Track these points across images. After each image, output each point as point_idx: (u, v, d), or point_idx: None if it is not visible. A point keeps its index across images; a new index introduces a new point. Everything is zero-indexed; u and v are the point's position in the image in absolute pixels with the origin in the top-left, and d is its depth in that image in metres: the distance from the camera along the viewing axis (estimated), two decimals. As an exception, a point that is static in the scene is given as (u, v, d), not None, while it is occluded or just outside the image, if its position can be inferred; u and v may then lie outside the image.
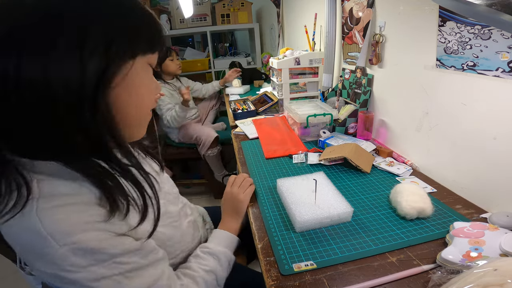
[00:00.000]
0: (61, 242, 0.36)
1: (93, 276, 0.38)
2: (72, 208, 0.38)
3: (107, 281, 0.39)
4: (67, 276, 0.37)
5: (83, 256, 0.37)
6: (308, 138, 1.14)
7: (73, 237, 0.36)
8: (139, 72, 0.42)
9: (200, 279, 0.56)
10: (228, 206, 0.76)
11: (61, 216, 0.37)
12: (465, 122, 0.70)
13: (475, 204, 0.69)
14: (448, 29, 0.69)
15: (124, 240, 0.41)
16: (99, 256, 0.38)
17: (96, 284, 0.38)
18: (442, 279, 0.45)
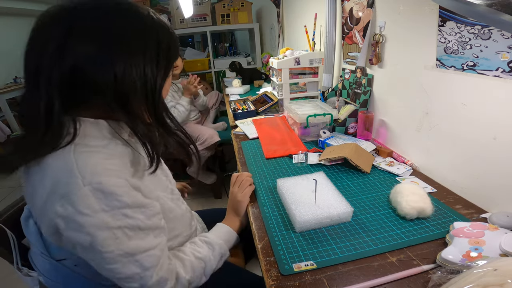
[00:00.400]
0: (87, 181, 0.41)
1: (99, 223, 0.42)
2: (103, 156, 0.46)
3: (108, 232, 0.43)
4: (77, 219, 0.41)
5: (100, 198, 0.42)
6: (308, 138, 1.14)
7: (97, 178, 0.42)
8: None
9: (188, 263, 0.58)
10: (230, 205, 0.78)
11: (92, 161, 0.44)
12: (465, 122, 0.70)
13: (475, 204, 0.69)
14: (448, 29, 0.69)
15: (137, 194, 0.47)
16: (112, 202, 0.43)
17: (98, 233, 0.42)
18: (442, 279, 0.45)
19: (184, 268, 0.57)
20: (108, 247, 0.44)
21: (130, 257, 0.46)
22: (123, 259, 0.46)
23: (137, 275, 0.48)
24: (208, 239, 0.65)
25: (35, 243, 0.63)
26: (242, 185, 0.78)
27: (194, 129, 1.91)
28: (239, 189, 0.77)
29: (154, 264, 0.49)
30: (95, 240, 0.43)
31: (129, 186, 0.46)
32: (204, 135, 1.85)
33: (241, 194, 0.76)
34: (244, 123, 1.36)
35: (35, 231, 0.63)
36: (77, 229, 0.42)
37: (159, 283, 0.50)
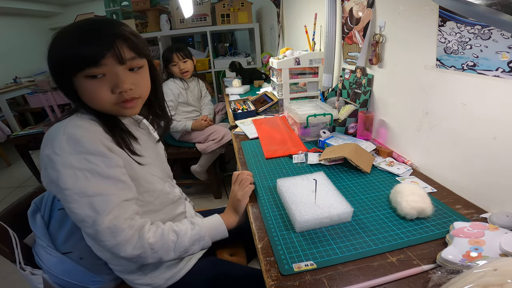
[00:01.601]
0: (66, 131, 0.55)
1: (65, 162, 0.53)
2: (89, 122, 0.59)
3: (70, 171, 0.53)
4: (52, 157, 0.53)
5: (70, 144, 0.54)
6: (308, 138, 1.14)
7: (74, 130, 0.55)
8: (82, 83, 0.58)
9: (160, 230, 0.61)
10: (230, 202, 0.79)
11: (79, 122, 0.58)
12: (465, 122, 0.70)
13: (475, 204, 0.69)
14: (448, 29, 0.69)
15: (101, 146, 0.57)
16: (78, 147, 0.54)
17: (63, 170, 0.53)
18: (442, 279, 0.45)
19: (154, 233, 0.60)
20: (68, 184, 0.53)
21: (85, 197, 0.53)
22: (79, 198, 0.53)
23: (90, 218, 0.53)
24: (193, 220, 0.68)
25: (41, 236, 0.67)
26: (242, 184, 0.79)
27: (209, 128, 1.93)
28: (239, 188, 0.78)
29: (105, 209, 0.53)
30: (60, 176, 0.53)
31: (97, 141, 0.56)
32: (220, 132, 1.86)
33: (241, 193, 0.76)
34: (244, 123, 1.36)
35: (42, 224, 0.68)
36: (51, 166, 0.54)
37: (111, 230, 0.54)
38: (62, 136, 0.54)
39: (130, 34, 0.60)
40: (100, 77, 0.58)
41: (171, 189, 0.79)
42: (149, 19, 2.80)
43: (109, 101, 0.60)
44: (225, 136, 1.86)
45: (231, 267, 0.79)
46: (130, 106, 0.63)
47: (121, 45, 0.58)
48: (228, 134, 1.87)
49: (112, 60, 0.57)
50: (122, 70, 0.59)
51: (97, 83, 0.58)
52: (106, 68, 0.57)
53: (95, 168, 0.55)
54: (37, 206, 0.71)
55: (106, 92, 0.59)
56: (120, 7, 2.62)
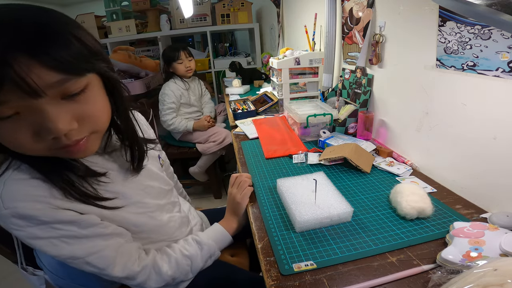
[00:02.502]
0: (6, 205, 0.42)
1: (29, 235, 0.44)
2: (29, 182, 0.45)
3: (43, 241, 0.45)
4: (12, 232, 0.44)
5: (20, 219, 0.43)
6: (308, 138, 1.14)
7: (14, 203, 0.43)
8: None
9: (173, 260, 0.60)
10: (229, 206, 0.78)
11: (16, 187, 0.44)
12: (465, 122, 0.70)
13: (475, 204, 0.69)
14: (448, 29, 0.69)
15: (61, 212, 0.46)
16: (32, 221, 0.44)
17: (33, 242, 0.45)
18: (442, 279, 0.45)
19: (169, 264, 0.59)
20: (52, 252, 0.46)
21: (78, 259, 0.48)
22: (74, 261, 0.48)
23: (99, 273, 0.50)
24: (198, 239, 0.67)
25: None
26: (240, 186, 0.78)
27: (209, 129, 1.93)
28: (237, 191, 0.77)
29: (108, 263, 0.51)
30: (35, 247, 0.46)
31: (50, 208, 0.45)
32: (221, 134, 1.87)
33: (240, 196, 0.76)
34: (244, 123, 1.36)
35: None
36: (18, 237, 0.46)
37: (126, 277, 0.53)
38: (5, 212, 0.42)
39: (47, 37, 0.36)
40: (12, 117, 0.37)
41: (173, 213, 0.70)
42: (149, 19, 2.80)
43: (40, 149, 0.41)
44: (226, 138, 1.87)
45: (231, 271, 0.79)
46: (77, 152, 0.44)
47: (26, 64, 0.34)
48: (229, 137, 1.87)
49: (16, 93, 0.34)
50: (45, 103, 0.37)
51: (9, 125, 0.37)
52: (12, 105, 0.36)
53: (69, 233, 0.47)
54: None
55: (29, 138, 0.39)
56: (120, 7, 2.62)
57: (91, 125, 0.44)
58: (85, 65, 0.40)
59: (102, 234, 0.51)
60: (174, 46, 1.91)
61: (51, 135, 0.39)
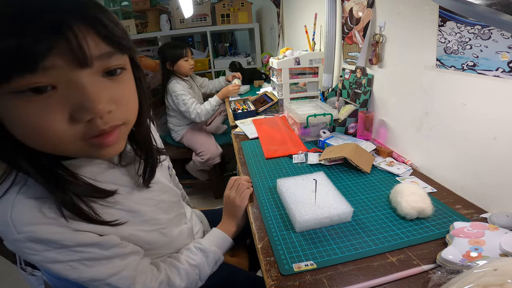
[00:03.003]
0: (19, 230, 0.38)
1: (48, 260, 0.41)
2: (42, 202, 0.40)
3: (62, 265, 0.42)
4: (26, 256, 0.40)
5: (37, 243, 0.39)
6: (308, 138, 1.14)
7: (29, 227, 0.39)
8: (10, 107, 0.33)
9: (183, 271, 0.59)
10: (227, 209, 0.77)
11: (28, 209, 0.39)
12: (465, 122, 0.70)
13: (475, 204, 0.69)
14: (448, 29, 0.69)
15: (81, 234, 0.43)
16: (51, 245, 0.40)
17: (52, 266, 0.41)
18: (442, 279, 0.45)
19: (179, 276, 0.58)
20: (71, 276, 0.43)
21: (98, 281, 0.46)
22: (93, 283, 0.45)
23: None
24: (202, 246, 0.65)
25: None
26: (239, 189, 0.77)
27: (199, 140, 1.89)
28: (236, 194, 0.77)
29: (129, 283, 0.49)
30: (55, 271, 0.42)
31: (70, 231, 0.42)
32: (206, 154, 1.84)
33: (239, 199, 0.75)
34: (244, 123, 1.36)
35: None
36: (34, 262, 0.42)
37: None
38: (19, 237, 0.38)
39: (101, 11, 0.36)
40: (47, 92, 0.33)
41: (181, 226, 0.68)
42: (149, 19, 2.80)
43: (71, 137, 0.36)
44: (211, 160, 1.86)
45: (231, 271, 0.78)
46: (110, 143, 0.40)
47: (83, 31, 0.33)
48: (216, 158, 1.87)
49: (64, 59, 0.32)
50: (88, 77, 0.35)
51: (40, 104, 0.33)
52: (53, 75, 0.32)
53: (90, 256, 0.44)
54: None
55: (62, 122, 0.34)
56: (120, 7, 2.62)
57: (125, 113, 0.41)
58: (127, 42, 0.39)
59: (122, 254, 0.48)
60: (176, 43, 1.89)
61: (89, 115, 0.35)
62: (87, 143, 0.38)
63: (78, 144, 0.37)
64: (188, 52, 1.84)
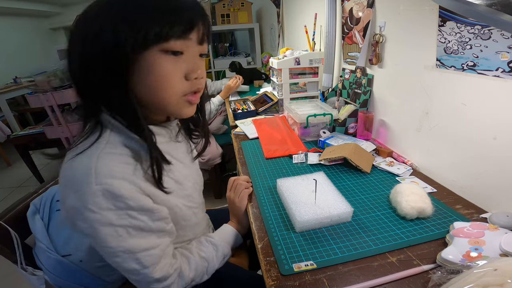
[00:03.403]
0: (98, 181, 0.43)
1: (103, 220, 0.44)
2: (122, 159, 0.47)
3: (110, 229, 0.45)
4: (85, 213, 0.43)
5: (108, 198, 0.43)
6: (308, 138, 1.14)
7: (109, 179, 0.43)
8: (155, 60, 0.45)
9: (193, 262, 0.60)
10: (230, 210, 0.79)
11: (111, 163, 0.45)
12: (465, 122, 0.70)
13: (475, 204, 0.69)
14: (448, 29, 0.69)
15: (145, 199, 0.48)
16: (119, 203, 0.44)
17: (101, 228, 0.44)
18: (442, 279, 0.45)
19: (189, 266, 0.59)
20: (110, 243, 0.46)
21: (130, 254, 0.48)
22: (124, 254, 0.47)
23: (136, 271, 0.49)
24: (213, 240, 0.67)
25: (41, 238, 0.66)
26: (237, 190, 0.79)
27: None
28: (235, 195, 0.78)
29: (153, 263, 0.50)
30: (98, 234, 0.45)
31: (139, 191, 0.47)
32: (207, 154, 1.84)
33: (238, 200, 0.77)
34: (244, 123, 1.36)
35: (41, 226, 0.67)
36: (82, 220, 0.44)
37: (159, 280, 0.52)
38: (95, 188, 0.43)
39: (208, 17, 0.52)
40: (178, 56, 0.47)
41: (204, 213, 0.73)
42: (149, 19, 2.80)
43: (180, 91, 0.49)
44: (211, 160, 1.86)
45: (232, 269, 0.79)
46: (195, 101, 0.53)
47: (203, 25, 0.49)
48: (216, 159, 1.87)
49: (195, 36, 0.48)
50: (197, 52, 0.50)
51: (174, 62, 0.47)
52: (189, 45, 0.47)
53: (139, 224, 0.48)
54: (36, 207, 0.70)
55: (180, 78, 0.48)
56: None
57: (204, 82, 0.54)
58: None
59: (162, 230, 0.52)
60: None
61: (196, 75, 0.49)
62: (183, 99, 0.51)
63: (179, 99, 0.50)
64: None
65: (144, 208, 0.47)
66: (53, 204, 0.71)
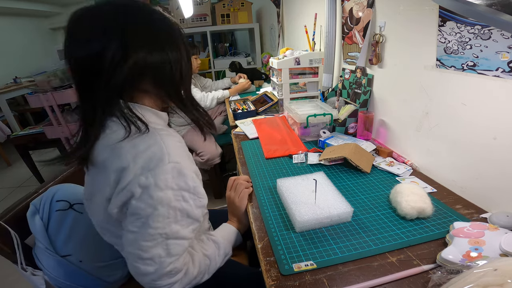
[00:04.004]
0: (171, 159, 0.49)
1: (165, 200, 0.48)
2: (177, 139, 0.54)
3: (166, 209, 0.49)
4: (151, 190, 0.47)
5: (174, 177, 0.49)
6: (308, 138, 1.14)
7: (178, 158, 0.50)
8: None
9: (197, 258, 0.60)
10: (230, 210, 0.79)
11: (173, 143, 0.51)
12: (465, 122, 0.70)
13: (475, 204, 0.69)
14: (448, 29, 0.69)
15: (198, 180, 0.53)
16: (180, 183, 0.49)
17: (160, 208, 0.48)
18: (442, 279, 0.45)
19: (193, 263, 0.59)
20: (157, 223, 0.49)
21: (165, 239, 0.50)
22: (159, 238, 0.50)
23: (158, 258, 0.50)
24: (214, 238, 0.67)
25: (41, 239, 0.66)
26: (237, 190, 0.79)
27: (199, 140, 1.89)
28: (235, 194, 0.78)
29: (178, 253, 0.52)
30: (154, 213, 0.48)
31: (195, 176, 0.53)
32: (206, 154, 1.85)
33: (238, 199, 0.77)
34: (244, 123, 1.36)
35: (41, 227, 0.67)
36: (146, 200, 0.47)
37: (170, 272, 0.52)
38: (168, 166, 0.48)
39: None
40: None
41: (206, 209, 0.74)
42: (149, 19, 2.80)
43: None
44: (210, 160, 1.86)
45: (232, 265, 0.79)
46: None
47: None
48: (215, 158, 1.88)
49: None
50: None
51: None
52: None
53: (187, 208, 0.51)
54: (36, 207, 0.71)
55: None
56: (120, 7, 2.62)
57: None
58: None
59: (198, 219, 0.55)
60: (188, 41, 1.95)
61: None
62: None
63: None
64: (198, 51, 1.91)
65: (195, 191, 0.52)
66: (53, 204, 0.71)
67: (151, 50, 0.51)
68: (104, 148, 0.51)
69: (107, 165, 0.50)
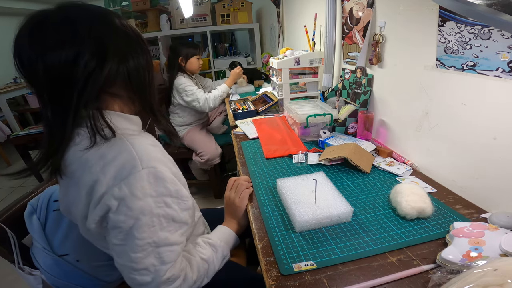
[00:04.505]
0: (144, 164, 0.46)
1: (145, 207, 0.46)
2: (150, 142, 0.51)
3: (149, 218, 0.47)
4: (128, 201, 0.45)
5: (151, 183, 0.46)
6: (308, 138, 1.14)
7: (152, 163, 0.47)
8: None
9: (194, 263, 0.59)
10: (228, 210, 0.78)
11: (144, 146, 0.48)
12: (465, 122, 0.70)
13: (475, 204, 0.69)
14: (448, 29, 0.69)
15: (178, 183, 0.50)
16: (160, 188, 0.47)
17: (141, 217, 0.46)
18: (442, 279, 0.45)
19: (191, 268, 0.58)
20: (143, 233, 0.47)
21: (155, 247, 0.49)
22: (149, 247, 0.48)
23: (153, 267, 0.49)
24: (211, 241, 0.66)
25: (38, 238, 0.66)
26: (238, 189, 0.78)
27: (199, 140, 1.90)
28: (236, 194, 0.77)
29: (172, 260, 0.51)
30: (136, 224, 0.46)
31: (174, 178, 0.50)
32: (206, 154, 1.85)
33: (239, 200, 0.76)
34: (244, 123, 1.36)
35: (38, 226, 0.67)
36: (125, 212, 0.45)
37: (168, 280, 0.51)
38: (142, 172, 0.45)
39: None
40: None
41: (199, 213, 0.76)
42: (149, 19, 2.80)
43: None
44: (210, 160, 1.86)
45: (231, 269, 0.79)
46: None
47: None
48: (215, 159, 1.88)
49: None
50: None
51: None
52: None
53: (171, 213, 0.50)
54: (33, 207, 0.70)
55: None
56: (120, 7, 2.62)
57: None
58: None
59: (186, 222, 0.53)
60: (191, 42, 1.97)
61: None
62: None
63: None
64: (201, 51, 1.92)
65: (177, 194, 0.50)
66: (50, 204, 0.70)
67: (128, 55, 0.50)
68: (74, 156, 0.49)
69: (77, 178, 0.48)
